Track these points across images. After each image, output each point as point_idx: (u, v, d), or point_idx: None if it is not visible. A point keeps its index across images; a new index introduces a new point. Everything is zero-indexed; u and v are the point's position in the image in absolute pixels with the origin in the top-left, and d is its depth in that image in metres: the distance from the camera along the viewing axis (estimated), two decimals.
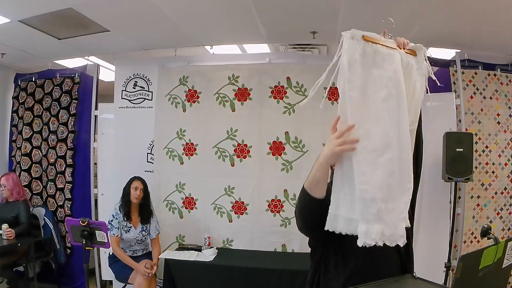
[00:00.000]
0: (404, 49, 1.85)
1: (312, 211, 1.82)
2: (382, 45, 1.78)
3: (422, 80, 1.94)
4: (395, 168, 1.72)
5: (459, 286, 1.48)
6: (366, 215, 1.64)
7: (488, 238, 1.72)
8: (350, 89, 1.70)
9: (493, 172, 4.62)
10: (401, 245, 1.70)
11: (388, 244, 1.66)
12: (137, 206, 4.44)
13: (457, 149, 4.16)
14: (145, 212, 4.48)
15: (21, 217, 4.83)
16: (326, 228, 1.75)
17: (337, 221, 1.73)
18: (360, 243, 1.63)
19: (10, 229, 4.58)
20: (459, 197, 4.57)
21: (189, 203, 4.99)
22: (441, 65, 4.84)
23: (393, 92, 1.74)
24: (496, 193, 4.61)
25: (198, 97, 4.98)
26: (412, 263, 2.08)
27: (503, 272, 1.70)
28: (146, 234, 4.46)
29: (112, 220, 4.29)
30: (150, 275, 4.14)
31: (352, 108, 1.69)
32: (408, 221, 1.81)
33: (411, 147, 1.90)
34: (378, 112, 1.72)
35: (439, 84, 2.06)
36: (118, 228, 4.29)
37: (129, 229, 4.34)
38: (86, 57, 5.64)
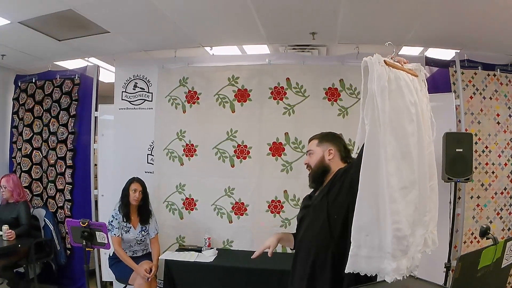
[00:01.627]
0: (404, 70, 1.83)
1: None
2: (398, 68, 1.76)
3: (426, 101, 1.96)
4: (417, 204, 1.75)
5: (458, 286, 1.48)
6: (396, 252, 1.66)
7: (487, 238, 1.72)
8: (383, 121, 1.66)
9: (493, 172, 4.62)
10: (416, 275, 1.79)
11: (405, 276, 1.71)
12: (136, 207, 4.44)
13: (456, 150, 4.15)
14: (144, 213, 4.48)
15: (22, 218, 4.83)
16: (347, 271, 1.79)
17: (359, 262, 1.76)
18: (389, 279, 1.66)
19: (10, 230, 4.58)
20: (459, 198, 4.57)
21: (189, 204, 4.99)
22: (441, 66, 4.85)
23: (416, 127, 1.75)
24: (496, 193, 4.61)
25: (198, 98, 4.98)
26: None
27: (502, 272, 1.70)
28: (145, 234, 4.46)
29: (112, 221, 4.29)
30: (149, 279, 4.14)
31: (384, 143, 1.66)
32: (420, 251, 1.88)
33: (430, 168, 1.93)
34: (405, 147, 1.71)
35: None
36: (118, 228, 4.29)
37: (129, 230, 4.35)
38: (86, 58, 5.65)
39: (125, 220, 4.33)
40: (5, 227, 4.57)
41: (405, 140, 1.70)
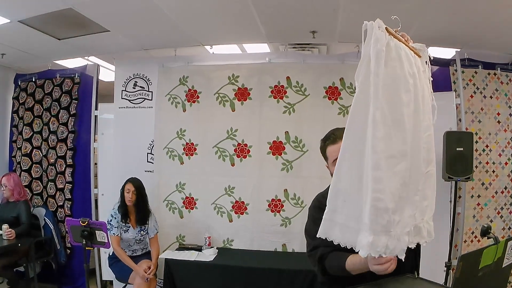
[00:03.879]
0: (408, 46, 1.78)
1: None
2: (400, 40, 1.70)
3: (428, 83, 1.89)
4: (407, 178, 1.65)
5: (459, 286, 1.47)
6: (375, 226, 1.55)
7: (488, 238, 1.71)
8: (376, 84, 1.57)
9: (493, 171, 4.62)
10: (402, 259, 1.62)
11: (383, 254, 1.58)
12: (133, 207, 4.43)
13: (457, 149, 4.15)
14: (142, 213, 4.45)
15: (22, 217, 4.82)
16: (318, 235, 1.70)
17: (332, 228, 1.67)
18: (363, 254, 1.57)
19: (10, 229, 4.57)
20: (460, 196, 4.57)
21: (189, 203, 4.99)
22: (441, 64, 4.84)
23: (413, 98, 1.68)
24: (496, 192, 4.61)
25: (198, 97, 4.98)
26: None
27: (503, 272, 1.69)
28: (144, 233, 4.46)
29: (111, 220, 4.29)
30: (147, 279, 4.14)
31: (375, 106, 1.57)
32: (413, 236, 1.73)
33: (429, 153, 1.85)
34: (398, 116, 1.62)
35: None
36: (117, 227, 4.29)
37: (128, 229, 4.34)
38: (86, 57, 5.64)
39: (123, 220, 4.34)
40: (5, 226, 4.56)
41: (398, 109, 1.62)
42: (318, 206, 2.06)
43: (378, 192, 1.54)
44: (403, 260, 1.63)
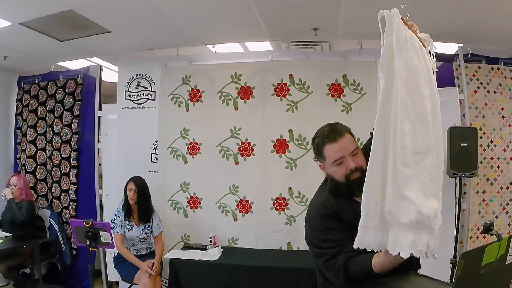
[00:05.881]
0: (416, 33, 1.74)
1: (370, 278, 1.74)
2: (412, 31, 1.66)
3: (432, 74, 1.83)
4: (434, 173, 1.59)
5: (460, 284, 1.45)
6: (412, 223, 1.50)
7: (491, 235, 1.68)
8: (401, 76, 1.52)
9: (498, 166, 4.58)
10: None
11: (429, 257, 1.54)
12: (135, 205, 4.45)
13: (461, 144, 4.13)
14: (144, 211, 4.47)
15: (23, 210, 4.84)
16: (355, 246, 1.64)
17: (367, 235, 1.61)
18: (405, 254, 1.51)
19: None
20: (464, 193, 4.55)
21: (194, 202, 4.99)
22: (444, 60, 4.81)
23: (429, 92, 1.63)
24: (501, 188, 4.57)
25: (201, 96, 4.98)
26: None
27: (506, 269, 1.67)
28: (148, 232, 4.47)
29: (114, 219, 4.33)
30: (151, 275, 4.14)
31: (401, 99, 1.52)
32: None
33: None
34: (420, 110, 1.56)
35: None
36: (121, 226, 4.31)
37: (132, 228, 4.36)
38: (89, 58, 5.66)
39: (126, 219, 4.36)
40: (7, 189, 4.88)
41: (421, 102, 1.56)
42: (326, 213, 1.92)
43: (409, 190, 1.50)
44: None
